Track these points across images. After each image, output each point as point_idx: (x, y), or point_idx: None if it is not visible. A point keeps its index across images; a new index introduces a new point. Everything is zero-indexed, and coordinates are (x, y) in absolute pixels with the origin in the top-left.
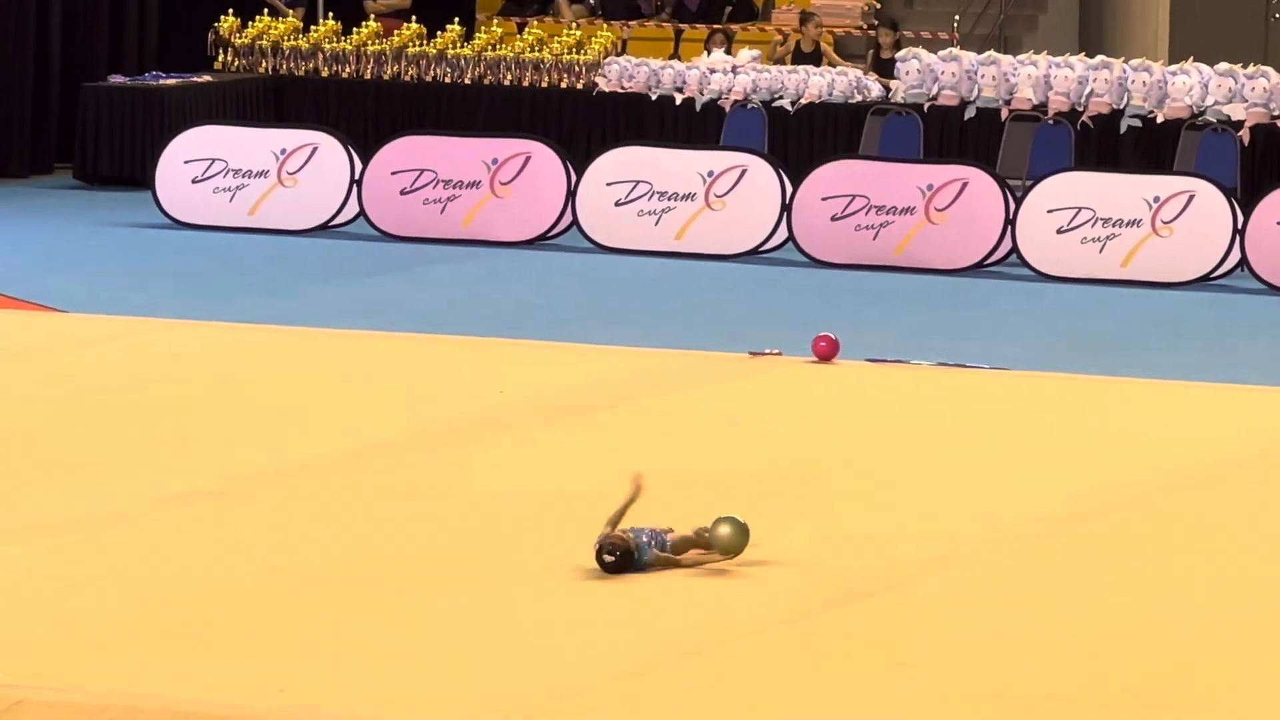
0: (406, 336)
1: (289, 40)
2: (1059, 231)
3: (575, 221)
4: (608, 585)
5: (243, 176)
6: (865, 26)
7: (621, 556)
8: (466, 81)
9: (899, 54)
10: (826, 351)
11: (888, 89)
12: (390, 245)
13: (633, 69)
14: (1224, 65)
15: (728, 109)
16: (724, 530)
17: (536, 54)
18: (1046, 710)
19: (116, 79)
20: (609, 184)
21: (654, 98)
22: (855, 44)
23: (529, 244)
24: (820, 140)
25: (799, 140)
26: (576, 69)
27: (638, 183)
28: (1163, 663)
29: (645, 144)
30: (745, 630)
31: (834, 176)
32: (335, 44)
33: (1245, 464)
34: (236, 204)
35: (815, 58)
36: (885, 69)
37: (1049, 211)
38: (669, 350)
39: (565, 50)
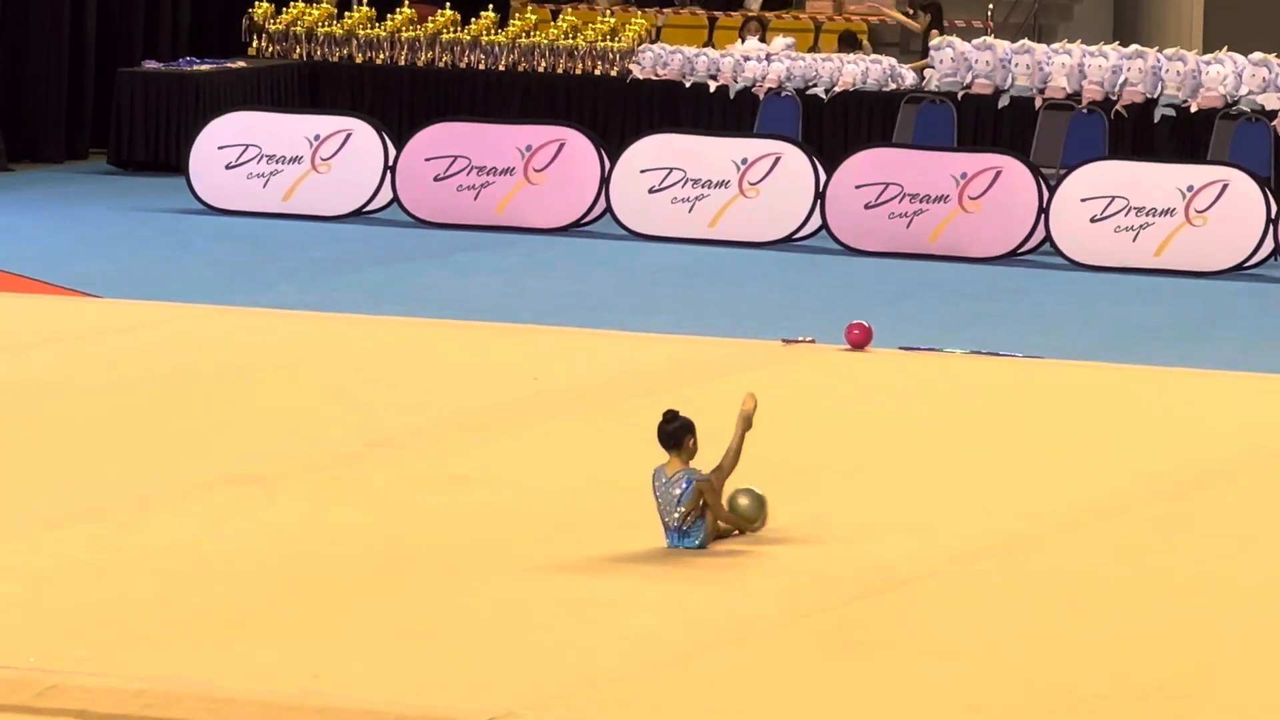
0: (440, 323)
1: (323, 26)
2: (1092, 220)
3: (609, 208)
4: (646, 573)
5: (277, 162)
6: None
7: (681, 423)
8: (501, 68)
9: (933, 42)
10: (860, 339)
11: (922, 76)
12: (424, 231)
13: (667, 56)
14: (1258, 55)
15: (762, 96)
16: (744, 502)
17: (570, 41)
18: (1081, 700)
19: (151, 64)
20: (643, 171)
21: (688, 85)
22: (890, 31)
23: (562, 231)
24: (854, 128)
25: (833, 128)
26: (611, 56)
27: (671, 170)
28: (1199, 656)
29: (679, 131)
30: (783, 618)
31: (868, 164)
32: (370, 30)
33: None
34: (271, 190)
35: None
36: (925, 46)
37: (1082, 200)
38: (702, 338)
39: (599, 37)
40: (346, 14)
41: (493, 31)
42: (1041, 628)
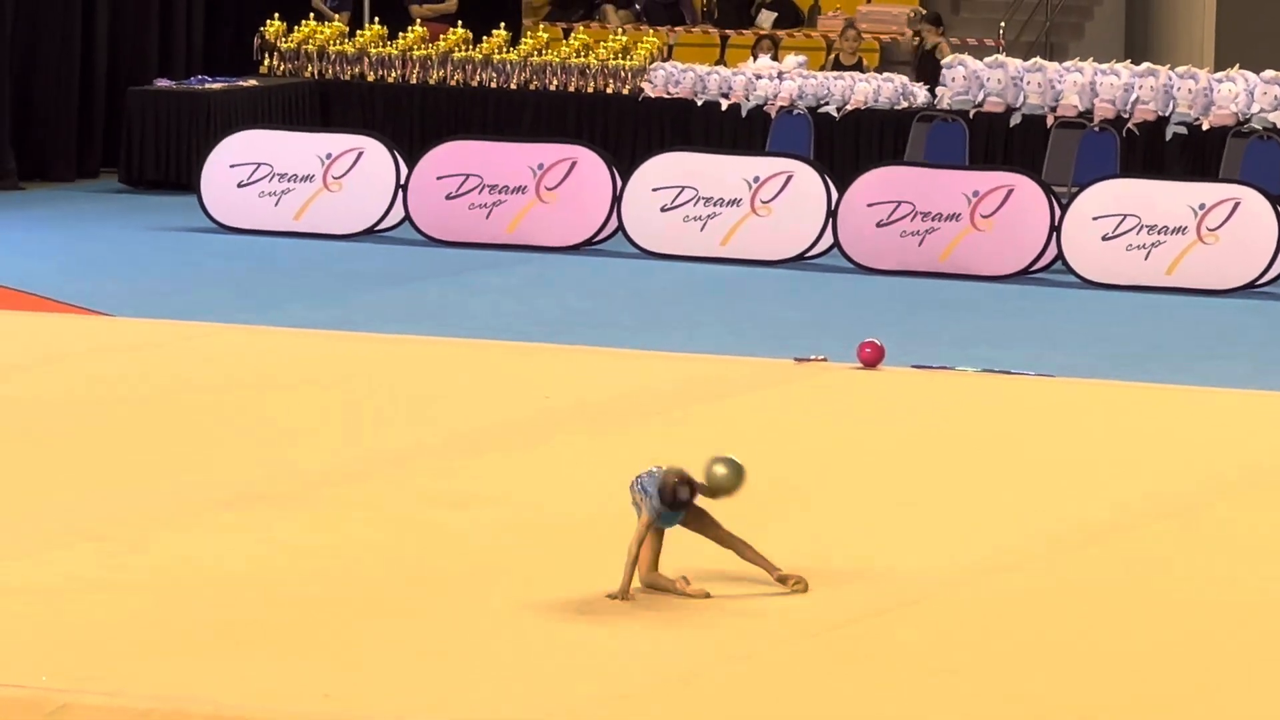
0: (452, 341)
1: (335, 44)
2: (1104, 238)
3: (620, 227)
4: (654, 593)
5: (288, 181)
6: (911, 32)
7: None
8: (512, 86)
9: (945, 60)
10: (872, 358)
11: (934, 94)
12: (435, 250)
13: (679, 74)
14: (1270, 73)
15: (774, 115)
16: (719, 470)
17: (582, 59)
18: (1087, 717)
19: (162, 83)
20: (654, 189)
21: (700, 103)
22: (901, 50)
23: (574, 249)
24: (866, 146)
25: (845, 146)
26: (622, 74)
27: (683, 188)
28: (1206, 673)
29: (691, 149)
30: (792, 636)
31: (880, 183)
32: (381, 48)
33: None
34: (282, 208)
35: (856, 70)
36: (930, 63)
37: (1094, 218)
38: (714, 356)
39: (611, 55)
40: (358, 32)
41: (504, 50)
42: (1050, 645)
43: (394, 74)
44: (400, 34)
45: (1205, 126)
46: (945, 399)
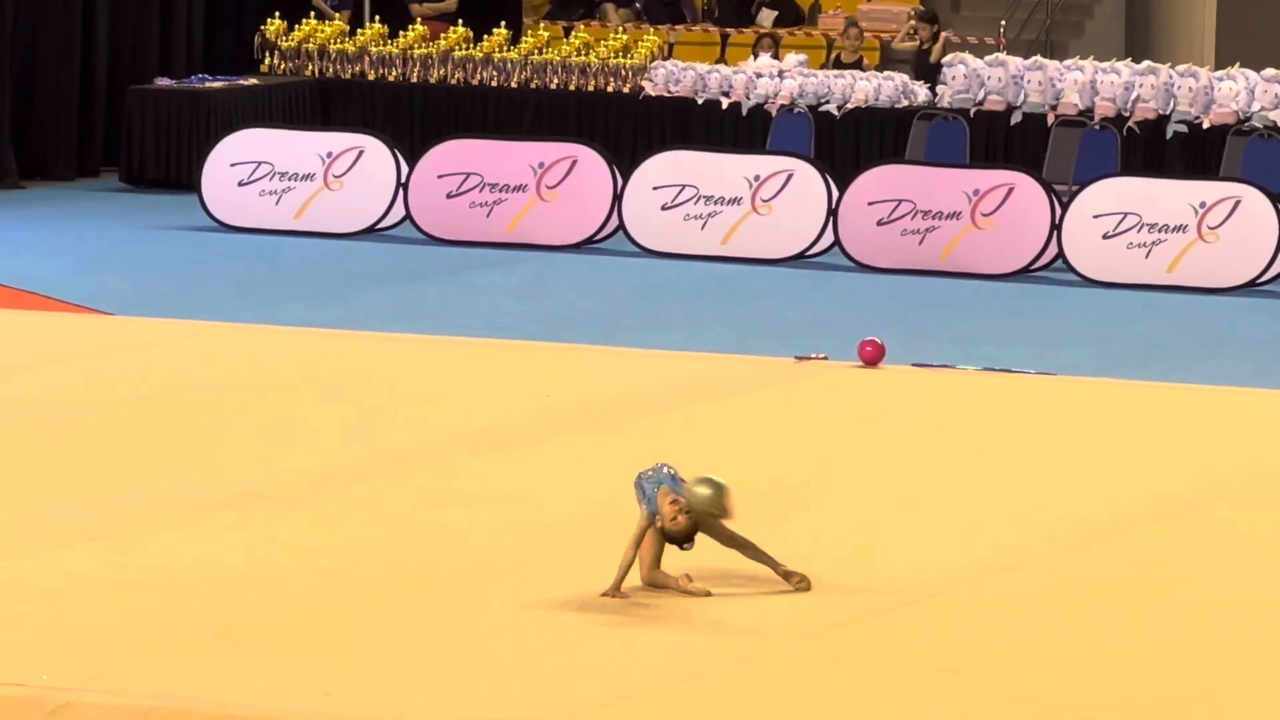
0: (452, 340)
1: (335, 43)
2: (1105, 237)
3: (621, 225)
4: (656, 592)
5: (289, 180)
6: (908, 30)
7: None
8: (513, 85)
9: (945, 59)
10: (872, 356)
11: (934, 93)
12: (436, 249)
13: (679, 73)
14: (1270, 71)
15: (774, 113)
16: (702, 491)
17: (583, 58)
18: (1089, 718)
19: (163, 82)
20: (655, 188)
21: (700, 102)
22: (902, 50)
23: (575, 248)
24: (866, 145)
25: (845, 145)
26: (623, 73)
27: (684, 187)
28: (1207, 674)
29: (691, 148)
30: (793, 635)
31: (880, 181)
32: (382, 47)
33: None
34: (282, 207)
35: (856, 68)
36: (925, 63)
37: (1095, 217)
38: (715, 355)
39: (612, 54)
40: (358, 31)
41: (505, 48)
42: (1050, 645)
43: (394, 73)
44: (401, 33)
45: (1206, 125)
46: (946, 398)
